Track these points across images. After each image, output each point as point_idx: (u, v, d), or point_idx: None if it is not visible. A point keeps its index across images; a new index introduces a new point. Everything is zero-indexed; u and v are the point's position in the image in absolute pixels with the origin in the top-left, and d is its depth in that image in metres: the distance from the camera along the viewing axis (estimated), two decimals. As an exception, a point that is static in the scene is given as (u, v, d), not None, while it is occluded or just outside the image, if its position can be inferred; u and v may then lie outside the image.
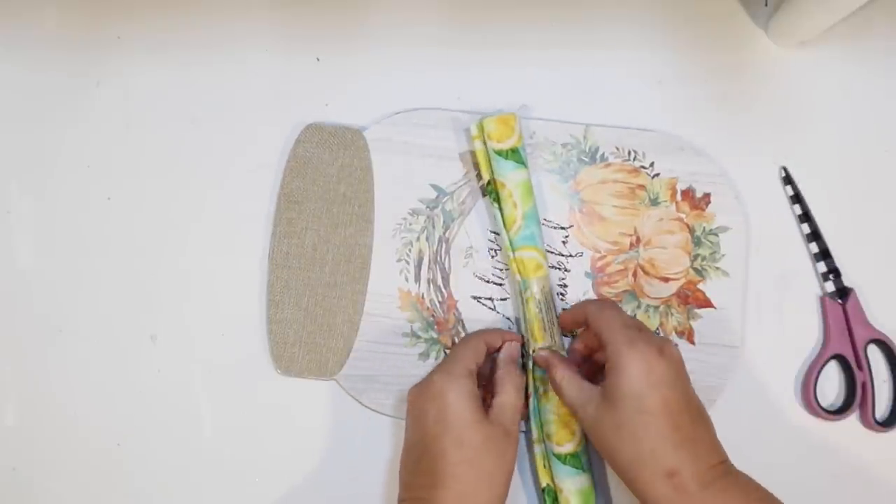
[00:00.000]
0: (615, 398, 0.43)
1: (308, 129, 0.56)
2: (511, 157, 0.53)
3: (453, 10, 0.60)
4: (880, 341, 0.54)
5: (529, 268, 0.52)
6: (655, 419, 0.42)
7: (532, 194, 0.53)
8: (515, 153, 0.53)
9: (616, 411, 0.42)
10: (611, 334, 0.44)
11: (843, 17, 0.53)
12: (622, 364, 0.43)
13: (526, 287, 0.52)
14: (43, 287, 0.56)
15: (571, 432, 0.49)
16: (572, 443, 0.49)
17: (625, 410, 0.42)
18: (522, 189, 0.52)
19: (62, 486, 0.54)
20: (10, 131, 0.58)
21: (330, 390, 0.54)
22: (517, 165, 0.53)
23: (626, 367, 0.43)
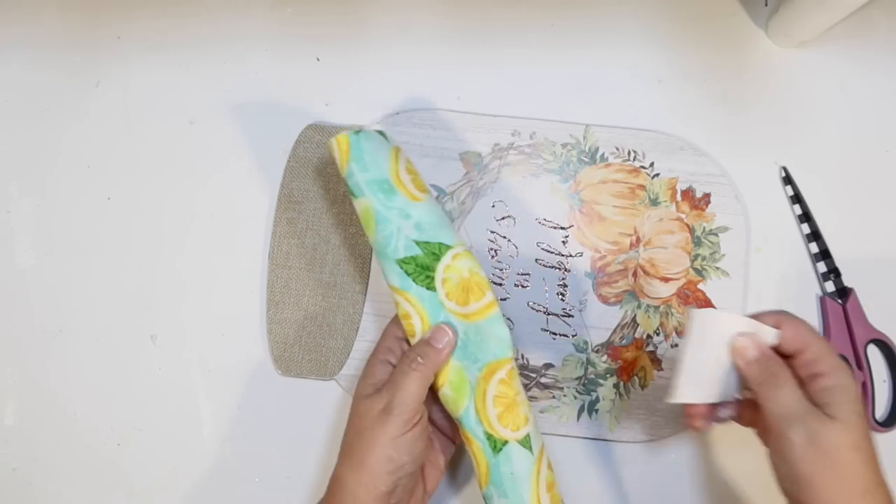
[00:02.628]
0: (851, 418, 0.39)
1: (308, 129, 0.56)
2: (347, 189, 0.47)
3: (453, 10, 0.60)
4: (880, 341, 0.54)
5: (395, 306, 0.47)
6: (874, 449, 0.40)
7: (371, 224, 0.46)
8: (346, 184, 0.47)
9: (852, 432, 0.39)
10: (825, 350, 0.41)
11: (843, 17, 0.53)
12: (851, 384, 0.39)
13: None
14: (43, 287, 0.56)
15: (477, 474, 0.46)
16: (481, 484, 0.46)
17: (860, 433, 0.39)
18: (362, 221, 0.47)
19: (62, 486, 0.54)
20: (10, 131, 0.58)
21: (330, 390, 0.54)
22: (352, 197, 0.47)
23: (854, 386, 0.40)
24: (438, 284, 0.46)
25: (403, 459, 0.43)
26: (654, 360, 0.54)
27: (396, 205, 0.46)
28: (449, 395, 0.46)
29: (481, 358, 0.45)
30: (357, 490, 0.42)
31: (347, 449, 0.44)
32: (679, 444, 0.53)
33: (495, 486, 0.45)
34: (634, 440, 0.53)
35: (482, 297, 0.45)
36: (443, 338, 0.45)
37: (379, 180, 0.46)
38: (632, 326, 0.54)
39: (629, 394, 0.53)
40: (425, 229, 0.46)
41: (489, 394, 0.45)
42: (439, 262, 0.45)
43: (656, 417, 0.53)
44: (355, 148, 0.46)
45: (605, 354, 0.54)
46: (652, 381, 0.54)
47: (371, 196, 0.46)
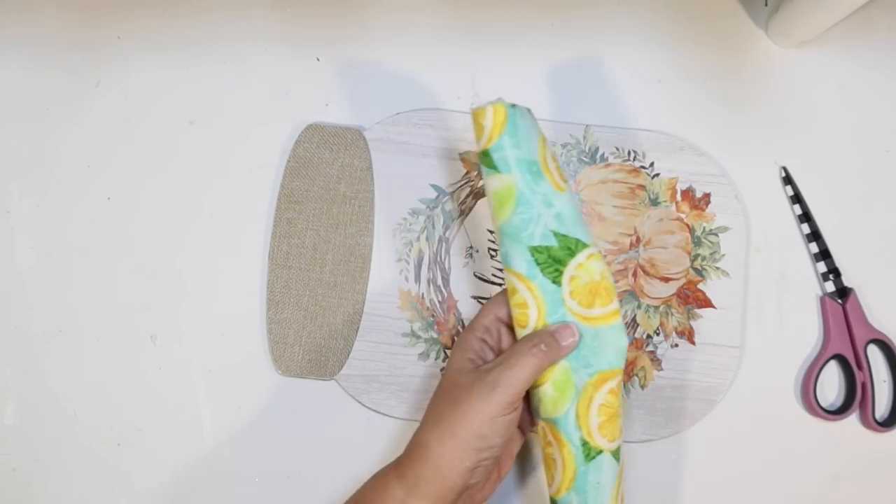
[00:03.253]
0: None
1: (308, 129, 0.56)
2: (484, 162, 0.44)
3: (453, 10, 0.60)
4: (880, 341, 0.54)
5: (508, 291, 0.46)
6: None
7: (510, 204, 0.44)
8: (487, 156, 0.44)
9: None
10: None
11: (843, 17, 0.53)
12: None
13: None
14: (43, 287, 0.56)
15: (552, 476, 0.45)
16: (552, 487, 0.46)
17: None
18: (496, 199, 0.44)
19: (62, 486, 0.54)
20: (10, 131, 0.58)
21: (330, 390, 0.54)
22: (489, 171, 0.44)
23: None
24: (565, 281, 0.44)
25: (494, 441, 0.42)
26: (654, 360, 0.54)
27: (542, 190, 0.44)
28: (549, 395, 0.44)
29: (594, 364, 0.44)
30: (441, 460, 0.41)
31: (436, 416, 0.43)
32: (679, 444, 0.53)
33: (577, 494, 0.44)
34: (634, 440, 0.53)
35: (609, 303, 0.44)
36: (568, 337, 0.43)
37: (529, 161, 0.44)
38: (632, 326, 0.54)
39: (629, 394, 0.53)
40: (565, 222, 0.44)
41: (595, 401, 0.44)
42: (573, 258, 0.44)
43: (656, 417, 0.53)
44: (512, 121, 0.43)
45: (605, 354, 0.54)
46: (652, 381, 0.54)
47: (518, 175, 0.43)
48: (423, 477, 0.41)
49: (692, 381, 0.53)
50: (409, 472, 0.42)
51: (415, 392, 0.53)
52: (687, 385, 0.53)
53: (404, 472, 0.42)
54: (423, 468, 0.41)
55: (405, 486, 0.42)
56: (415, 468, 0.42)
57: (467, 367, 0.44)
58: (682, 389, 0.53)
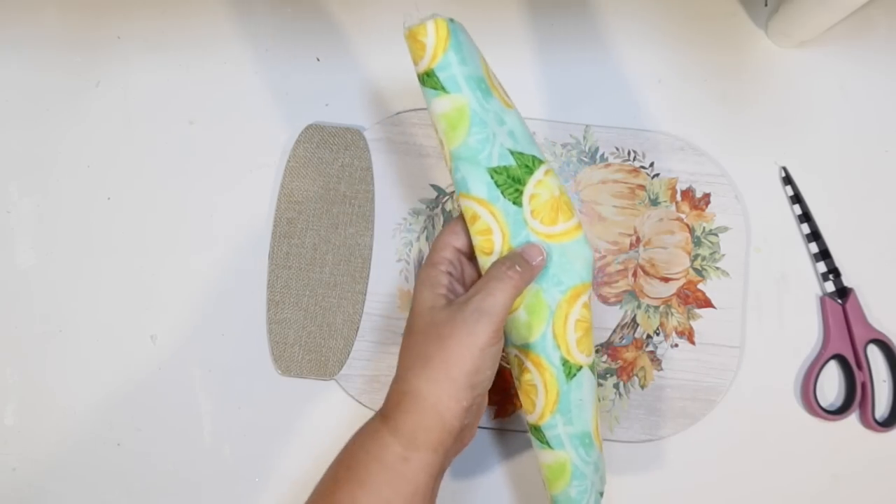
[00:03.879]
0: None
1: (308, 129, 0.56)
2: (428, 83, 0.41)
3: (453, 10, 0.60)
4: (880, 341, 0.54)
5: (467, 219, 0.43)
6: None
7: (463, 125, 0.41)
8: (431, 76, 0.40)
9: None
10: None
11: (843, 17, 0.53)
12: None
13: None
14: (43, 287, 0.56)
15: (532, 403, 0.44)
16: (534, 414, 0.44)
17: None
18: (446, 122, 0.41)
19: (62, 486, 0.54)
20: (10, 131, 0.58)
21: (330, 390, 0.54)
22: (436, 93, 0.41)
23: None
24: (526, 200, 0.42)
25: (486, 373, 0.40)
26: (654, 360, 0.54)
27: (493, 107, 0.41)
28: (523, 320, 0.43)
29: (565, 280, 0.42)
30: (439, 404, 0.39)
31: (424, 360, 0.40)
32: (679, 444, 0.53)
33: (562, 414, 0.43)
34: (634, 440, 0.53)
35: (571, 217, 0.43)
36: (537, 255, 0.42)
37: (477, 77, 0.41)
38: (632, 326, 0.54)
39: (629, 394, 0.53)
40: (518, 139, 0.42)
41: (571, 317, 0.43)
42: (531, 175, 0.42)
43: (656, 417, 0.53)
44: (455, 36, 0.40)
45: (605, 354, 0.54)
46: (652, 381, 0.54)
47: (469, 93, 0.40)
48: (422, 425, 0.39)
49: (692, 381, 0.53)
50: (402, 425, 0.39)
51: (415, 392, 0.53)
52: (687, 385, 0.53)
53: (397, 425, 0.39)
54: (421, 417, 0.39)
55: (402, 440, 0.39)
56: (410, 419, 0.39)
57: (441, 304, 0.41)
58: (682, 389, 0.53)
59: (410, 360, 0.41)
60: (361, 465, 0.40)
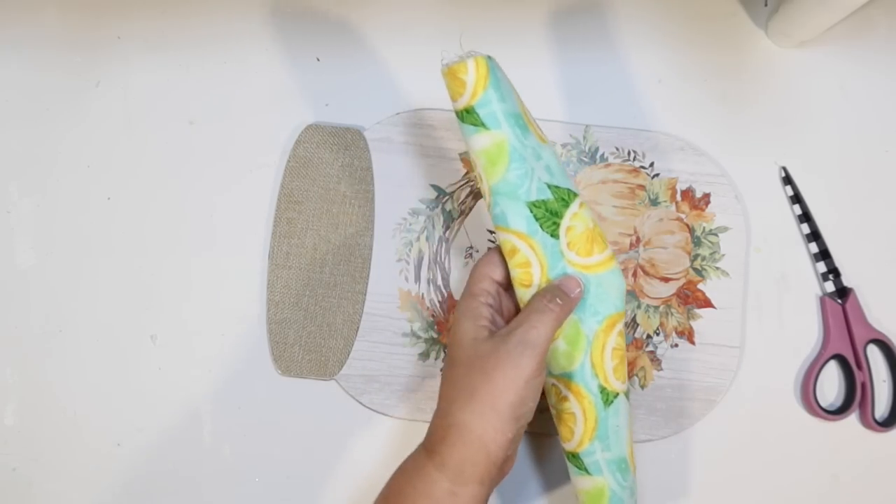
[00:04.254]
0: None
1: (308, 129, 0.56)
2: (467, 120, 0.42)
3: (453, 10, 0.60)
4: (880, 341, 0.54)
5: (506, 253, 0.44)
6: None
7: (503, 161, 0.42)
8: (471, 114, 0.41)
9: None
10: None
11: (843, 17, 0.53)
12: None
13: None
14: (43, 287, 0.56)
15: (571, 431, 0.45)
16: (572, 442, 0.46)
17: None
18: (486, 157, 0.42)
19: (62, 486, 0.54)
20: (10, 131, 0.58)
21: (330, 390, 0.54)
22: (476, 129, 0.42)
23: None
24: (562, 232, 0.43)
25: (530, 405, 0.40)
26: (654, 360, 0.54)
27: (531, 143, 0.42)
28: (562, 350, 0.44)
29: (602, 310, 0.43)
30: (485, 436, 0.39)
31: (470, 392, 0.40)
32: (679, 444, 0.53)
33: (601, 441, 0.44)
34: (634, 440, 0.53)
35: (605, 248, 0.44)
36: (575, 288, 0.42)
37: (515, 114, 0.42)
38: (632, 326, 0.54)
39: (629, 394, 0.53)
40: (554, 173, 0.43)
41: (608, 346, 0.44)
42: (567, 208, 0.43)
43: (656, 417, 0.53)
44: (493, 74, 0.41)
45: (605, 354, 0.54)
46: (652, 381, 0.54)
47: (508, 129, 0.41)
48: (469, 459, 0.39)
49: (692, 381, 0.53)
50: (449, 459, 0.39)
51: (415, 392, 0.53)
52: (687, 385, 0.53)
53: (444, 459, 0.40)
54: (467, 450, 0.39)
55: (449, 474, 0.39)
56: (456, 453, 0.39)
57: (483, 335, 0.42)
58: (682, 389, 0.53)
59: (454, 392, 0.41)
60: (409, 501, 0.40)
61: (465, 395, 0.40)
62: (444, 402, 0.41)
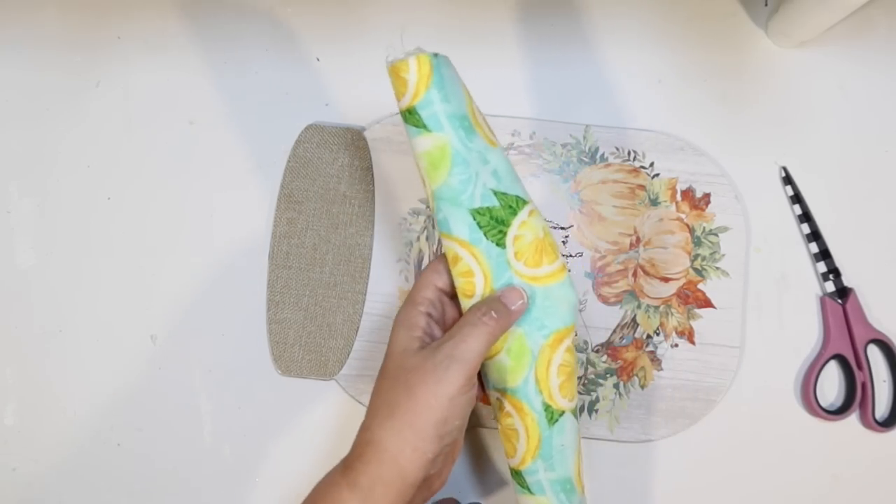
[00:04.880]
0: None
1: (308, 129, 0.56)
2: (410, 121, 0.40)
3: (453, 10, 0.60)
4: (880, 341, 0.54)
5: (449, 260, 0.42)
6: None
7: (445, 165, 0.40)
8: (413, 114, 0.39)
9: None
10: None
11: (843, 17, 0.53)
12: None
13: None
14: (43, 287, 0.56)
15: (514, 448, 0.43)
16: (515, 459, 0.44)
17: None
18: (428, 160, 0.40)
19: (62, 486, 0.54)
20: (10, 131, 0.58)
21: (330, 390, 0.54)
22: (418, 130, 0.40)
23: None
24: (509, 242, 0.41)
25: (455, 423, 0.39)
26: (653, 360, 0.54)
27: (476, 146, 0.40)
28: (506, 364, 0.41)
29: (549, 324, 0.41)
30: (400, 456, 0.38)
31: (389, 408, 0.39)
32: (679, 444, 0.53)
33: (544, 460, 0.42)
34: (634, 440, 0.53)
35: (555, 259, 0.42)
36: (517, 300, 0.40)
37: (460, 115, 0.40)
38: (632, 326, 0.54)
39: (629, 394, 0.53)
40: (502, 179, 0.41)
41: (554, 363, 0.41)
42: (515, 216, 0.41)
43: (656, 417, 0.53)
44: (437, 72, 0.39)
45: (605, 354, 0.54)
46: (652, 381, 0.54)
47: (451, 132, 0.39)
48: (381, 479, 0.38)
49: (692, 381, 0.53)
50: (362, 478, 0.38)
51: (415, 392, 0.53)
52: (687, 385, 0.53)
53: (356, 478, 0.38)
54: (380, 469, 0.38)
55: (359, 494, 0.38)
56: (370, 471, 0.38)
57: (414, 347, 0.40)
58: (682, 389, 0.53)
59: (377, 406, 0.40)
60: None
61: (386, 410, 0.39)
62: (367, 416, 0.40)
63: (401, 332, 0.41)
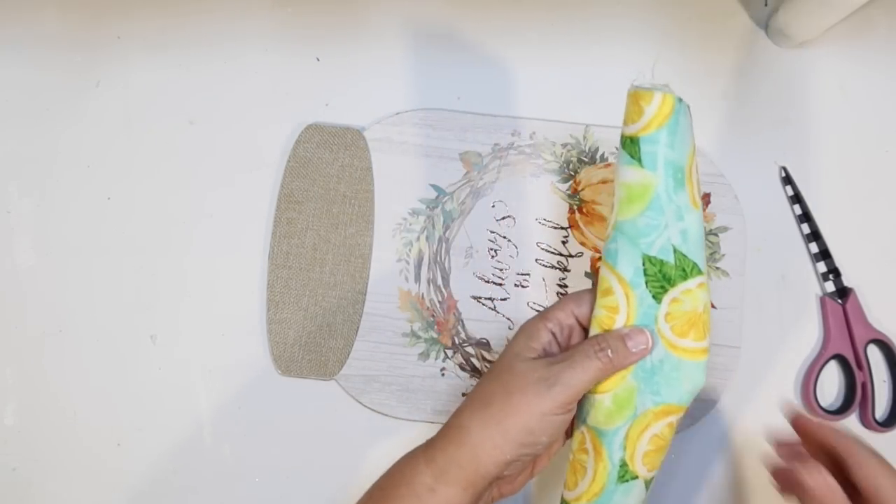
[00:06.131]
0: None
1: (308, 129, 0.56)
2: (627, 149, 0.40)
3: (453, 10, 0.60)
4: (880, 341, 0.54)
5: (600, 288, 0.42)
6: None
7: (640, 204, 0.40)
8: (633, 144, 0.39)
9: None
10: None
11: (843, 17, 0.53)
12: None
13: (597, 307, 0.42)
14: (43, 287, 0.56)
15: (576, 483, 0.43)
16: (573, 493, 0.43)
17: None
18: (626, 192, 0.40)
19: (62, 486, 0.54)
20: (10, 131, 0.58)
21: (330, 390, 0.54)
22: (631, 161, 0.40)
23: None
24: (666, 300, 0.40)
25: (541, 438, 0.39)
26: (654, 360, 0.54)
27: (679, 201, 0.39)
28: (605, 406, 0.41)
29: (664, 394, 0.41)
30: (480, 447, 0.39)
31: (485, 401, 0.40)
32: (679, 444, 0.53)
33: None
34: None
35: (702, 339, 0.41)
36: (640, 343, 0.40)
37: (676, 166, 0.39)
38: (632, 326, 0.54)
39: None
40: (689, 241, 0.40)
41: (650, 431, 0.41)
42: (684, 281, 0.40)
43: (656, 417, 0.53)
44: (675, 117, 0.39)
45: (606, 354, 0.54)
46: (652, 381, 0.53)
47: (662, 177, 0.39)
48: (457, 461, 0.39)
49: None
50: (440, 456, 0.40)
51: (415, 392, 0.53)
52: (687, 385, 0.53)
53: (435, 455, 0.40)
54: (458, 452, 0.39)
55: (434, 470, 0.39)
56: (449, 451, 0.40)
57: (528, 356, 0.41)
58: (682, 389, 0.53)
59: (473, 397, 0.41)
60: (391, 486, 0.41)
61: (480, 402, 0.40)
62: (463, 404, 0.41)
63: (520, 339, 0.42)
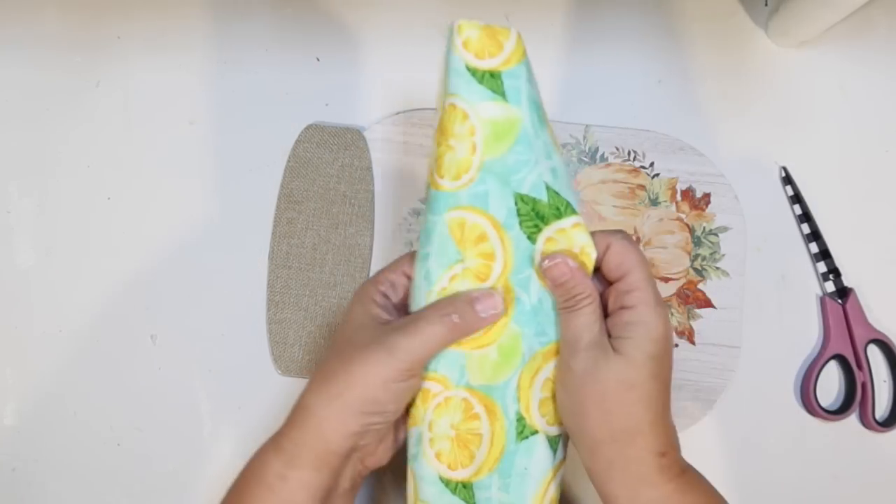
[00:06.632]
0: (634, 355, 0.36)
1: (308, 129, 0.56)
2: (487, 83, 0.38)
3: (453, 10, 0.60)
4: (880, 341, 0.54)
5: (469, 237, 0.39)
6: (664, 391, 0.37)
7: (508, 140, 0.38)
8: (495, 78, 0.38)
9: (630, 369, 0.36)
10: (641, 283, 0.37)
11: (843, 17, 0.53)
12: (654, 322, 0.37)
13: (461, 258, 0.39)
14: (43, 287, 0.56)
15: (471, 455, 0.40)
16: (469, 469, 0.40)
17: (641, 372, 0.36)
18: (492, 129, 0.38)
19: (62, 486, 0.54)
20: (11, 131, 0.58)
21: (330, 390, 0.54)
22: (493, 96, 0.38)
23: (657, 326, 0.37)
24: (541, 241, 0.38)
25: (388, 407, 0.38)
26: (654, 360, 0.54)
27: (543, 139, 0.38)
28: (491, 359, 0.39)
29: (550, 333, 0.39)
30: (325, 424, 0.37)
31: (326, 377, 0.38)
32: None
33: (501, 477, 0.39)
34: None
35: None
36: (490, 308, 0.38)
37: (537, 103, 0.39)
38: (632, 326, 0.54)
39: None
40: (560, 180, 0.39)
41: (542, 374, 0.39)
42: (558, 220, 0.38)
43: (656, 417, 0.53)
44: (528, 59, 0.39)
45: (605, 354, 0.54)
46: (652, 381, 0.53)
47: (527, 112, 0.38)
48: (304, 443, 0.38)
49: (692, 381, 0.53)
50: (286, 442, 0.38)
51: (415, 392, 0.53)
52: (687, 385, 0.53)
53: (282, 442, 0.38)
54: (304, 433, 0.38)
55: (283, 457, 0.38)
56: (294, 435, 0.38)
57: (368, 323, 0.39)
58: (682, 389, 0.53)
59: (317, 373, 0.39)
60: (243, 485, 0.39)
61: (322, 378, 0.38)
62: (306, 385, 0.40)
63: (356, 307, 0.40)
